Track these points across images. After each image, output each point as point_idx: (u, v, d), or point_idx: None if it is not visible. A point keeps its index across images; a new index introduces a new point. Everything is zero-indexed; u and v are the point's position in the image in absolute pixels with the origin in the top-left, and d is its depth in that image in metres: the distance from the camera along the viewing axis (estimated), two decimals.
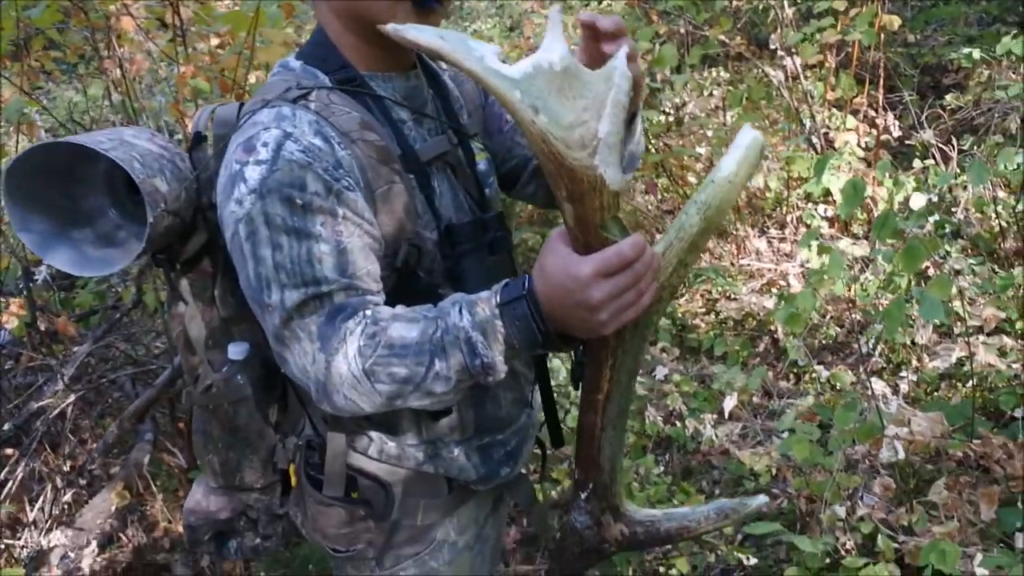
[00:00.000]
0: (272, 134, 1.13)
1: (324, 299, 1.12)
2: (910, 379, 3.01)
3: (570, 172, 0.93)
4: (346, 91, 1.23)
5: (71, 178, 1.31)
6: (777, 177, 4.40)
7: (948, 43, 5.39)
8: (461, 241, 1.28)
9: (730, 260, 4.37)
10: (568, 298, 1.03)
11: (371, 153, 1.18)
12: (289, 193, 1.10)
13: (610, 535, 1.26)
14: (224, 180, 1.16)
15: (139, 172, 1.22)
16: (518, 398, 1.45)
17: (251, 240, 1.12)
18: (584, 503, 1.25)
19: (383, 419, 1.32)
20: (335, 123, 1.17)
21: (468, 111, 1.45)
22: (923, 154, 4.26)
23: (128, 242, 1.34)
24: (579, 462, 1.22)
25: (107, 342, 3.50)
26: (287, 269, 1.11)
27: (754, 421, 3.16)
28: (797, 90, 4.44)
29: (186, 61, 2.67)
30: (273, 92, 1.21)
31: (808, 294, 2.14)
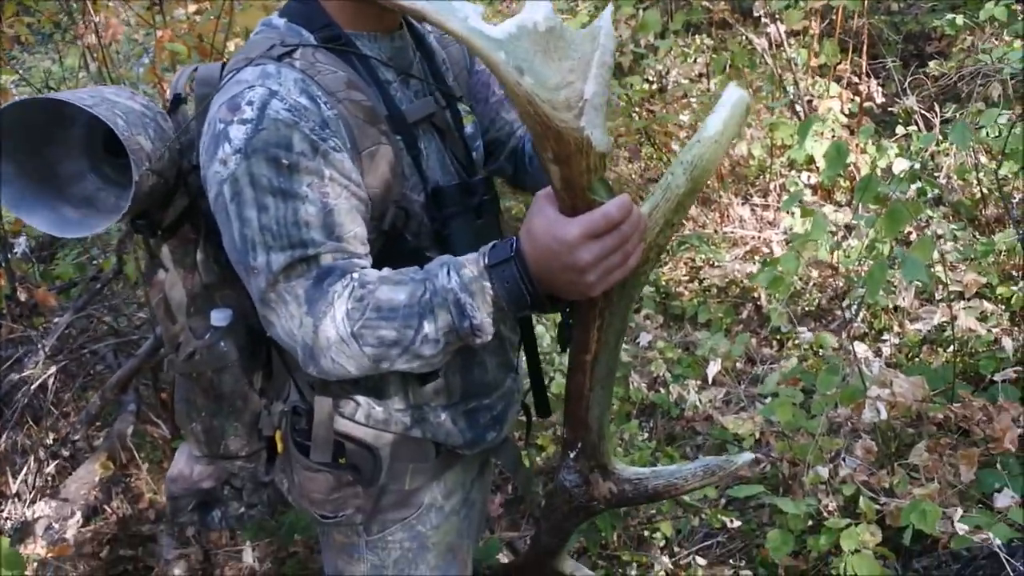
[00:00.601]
0: (257, 92, 1.11)
1: (311, 261, 1.11)
2: (892, 342, 3.03)
3: (556, 134, 0.93)
4: (331, 50, 1.21)
5: (48, 140, 1.29)
6: (760, 144, 4.40)
7: (931, 11, 5.38)
8: (448, 204, 1.27)
9: (713, 228, 4.37)
10: (556, 260, 1.03)
11: (358, 113, 1.17)
12: (275, 153, 1.08)
13: (599, 493, 1.27)
14: (207, 139, 1.14)
15: (123, 129, 1.19)
16: (504, 363, 1.45)
17: (236, 201, 1.10)
18: (573, 462, 1.26)
19: (370, 384, 1.32)
20: (321, 82, 1.15)
21: (454, 74, 1.44)
22: (906, 121, 4.26)
23: (111, 204, 1.31)
24: (568, 422, 1.23)
25: (88, 313, 3.47)
26: (273, 231, 1.10)
27: (737, 387, 3.18)
28: (781, 57, 4.43)
29: (164, 26, 2.63)
30: (257, 50, 1.18)
31: (791, 256, 2.15)
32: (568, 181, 0.98)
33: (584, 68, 0.92)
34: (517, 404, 1.53)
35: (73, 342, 3.38)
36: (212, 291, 1.38)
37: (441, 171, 1.32)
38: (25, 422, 3.09)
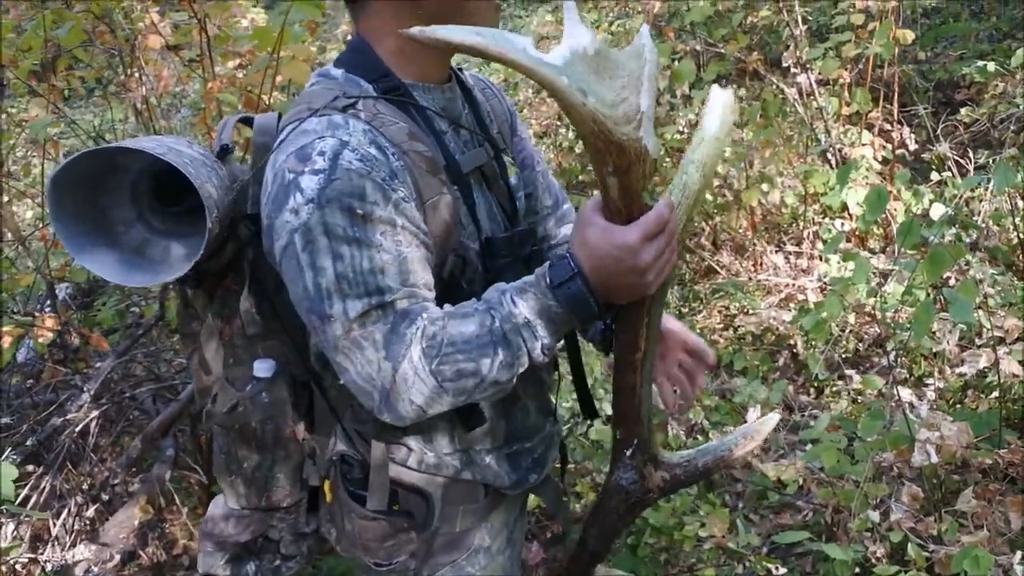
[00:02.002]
0: (328, 143, 1.11)
1: (387, 308, 1.12)
2: (936, 386, 3.00)
3: (618, 147, 0.98)
4: (390, 100, 1.22)
5: (103, 189, 1.28)
6: (793, 193, 4.41)
7: (960, 59, 5.41)
8: (500, 254, 1.29)
9: (748, 276, 4.37)
10: (618, 266, 1.09)
11: (421, 164, 1.18)
12: (349, 203, 1.09)
13: (653, 484, 1.32)
14: (275, 189, 1.14)
15: (195, 177, 1.18)
16: (543, 407, 1.47)
17: (309, 250, 1.11)
18: (629, 459, 1.30)
19: (420, 429, 1.32)
20: (385, 133, 1.16)
21: (497, 126, 1.46)
22: (939, 167, 4.27)
23: (162, 254, 1.30)
24: (621, 422, 1.28)
25: (128, 359, 3.52)
26: (349, 279, 1.11)
27: (776, 434, 3.14)
28: (811, 106, 4.46)
29: (212, 77, 2.70)
30: (319, 100, 1.19)
31: (835, 301, 2.15)
32: (627, 189, 1.04)
33: (635, 83, 0.99)
34: (556, 447, 1.53)
35: (114, 387, 3.42)
36: (255, 341, 1.37)
37: (489, 221, 1.34)
38: (65, 466, 3.12)
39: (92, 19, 2.98)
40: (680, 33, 4.78)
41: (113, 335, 3.94)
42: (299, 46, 2.79)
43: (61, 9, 2.92)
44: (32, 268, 3.41)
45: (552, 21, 5.51)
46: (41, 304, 3.89)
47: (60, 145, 3.67)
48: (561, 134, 4.68)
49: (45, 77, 3.31)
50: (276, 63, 2.67)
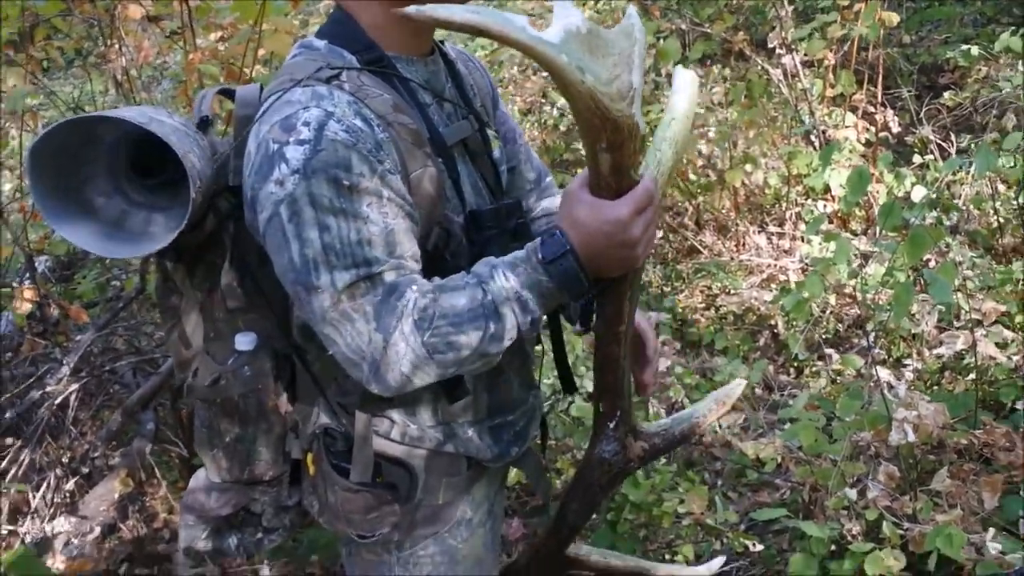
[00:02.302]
0: (313, 113, 1.11)
1: (375, 279, 1.12)
2: (913, 368, 3.03)
3: (613, 123, 1.01)
4: (374, 72, 1.22)
5: (80, 160, 1.26)
6: (776, 174, 4.42)
7: (944, 43, 5.43)
8: (485, 226, 1.29)
9: (730, 256, 4.39)
10: (609, 241, 1.11)
11: (406, 136, 1.18)
12: (335, 174, 1.09)
13: (633, 454, 1.35)
14: (259, 160, 1.13)
15: (178, 147, 1.17)
16: (527, 381, 1.48)
17: (295, 221, 1.10)
18: (612, 431, 1.32)
19: (403, 402, 1.32)
20: (370, 105, 1.16)
21: (480, 100, 1.46)
22: (922, 150, 4.29)
23: (143, 226, 1.29)
24: (604, 395, 1.31)
25: (109, 331, 3.49)
26: (336, 250, 1.10)
27: (756, 413, 3.17)
28: (796, 87, 4.47)
29: (194, 49, 2.67)
30: (302, 71, 1.19)
31: (816, 281, 2.16)
32: (619, 166, 1.07)
33: (627, 61, 1.01)
34: (537, 419, 1.54)
35: (94, 360, 3.40)
36: (236, 315, 1.36)
37: (474, 194, 1.34)
38: (44, 439, 3.10)
39: None
40: (666, 12, 4.76)
41: (93, 308, 3.91)
42: (281, 19, 2.76)
43: None
44: (11, 240, 3.38)
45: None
46: (20, 277, 3.86)
47: (39, 116, 3.62)
48: (546, 112, 4.67)
49: (23, 47, 3.26)
50: (259, 36, 2.64)
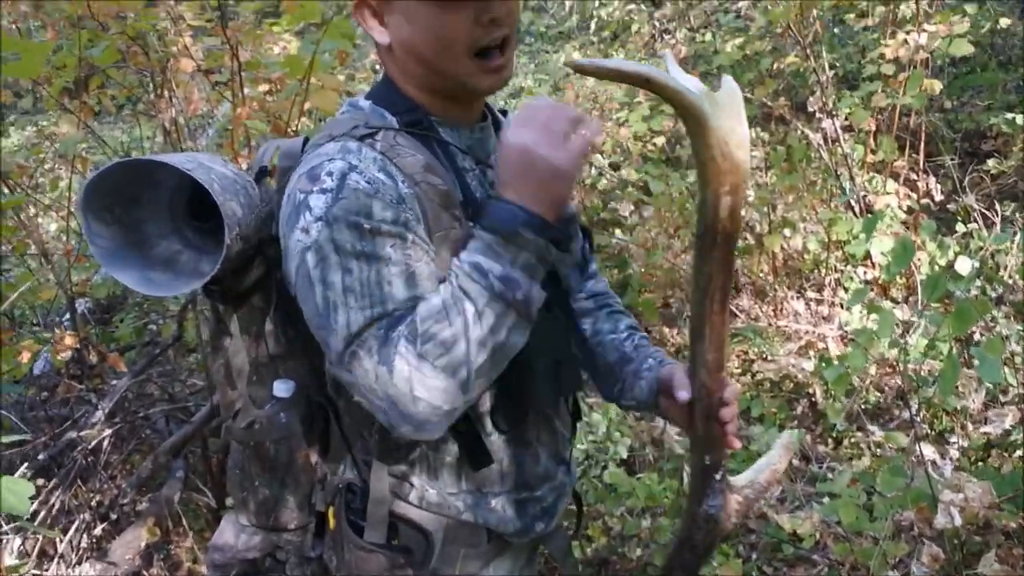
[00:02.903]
0: (337, 164, 1.14)
1: (387, 319, 1.11)
2: (959, 445, 2.95)
3: (737, 167, 1.11)
4: (412, 134, 1.23)
5: (137, 200, 1.32)
6: (816, 239, 4.38)
7: (987, 109, 5.39)
8: None
9: (767, 321, 4.34)
10: (523, 159, 1.12)
11: (433, 196, 1.19)
12: (356, 220, 1.11)
13: (731, 509, 1.30)
14: (288, 210, 1.17)
15: (218, 193, 1.22)
16: (556, 455, 1.43)
17: (320, 267, 1.12)
18: (719, 483, 1.28)
19: (425, 465, 1.31)
20: (399, 164, 1.18)
21: None
22: (965, 218, 4.23)
23: (189, 266, 1.34)
24: (710, 447, 1.28)
25: (144, 377, 3.52)
26: (356, 292, 1.11)
27: (793, 485, 3.10)
28: (836, 152, 4.45)
29: (242, 103, 2.72)
30: (341, 128, 1.22)
31: (858, 354, 2.12)
32: (734, 208, 1.13)
33: (738, 116, 1.12)
34: (568, 496, 1.50)
35: (128, 406, 3.42)
36: (277, 362, 1.39)
37: None
38: (75, 482, 3.11)
39: (127, 40, 3.01)
40: (707, 77, 4.78)
41: (130, 352, 3.95)
42: (328, 76, 2.81)
43: (97, 31, 2.96)
44: (54, 282, 3.43)
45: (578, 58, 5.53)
46: (60, 317, 3.91)
47: (88, 161, 3.69)
48: (584, 171, 4.69)
49: (77, 94, 3.34)
50: (305, 91, 2.69)
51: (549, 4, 7.16)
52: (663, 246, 4.43)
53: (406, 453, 1.30)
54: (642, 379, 1.45)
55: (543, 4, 7.55)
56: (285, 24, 3.15)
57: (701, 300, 1.19)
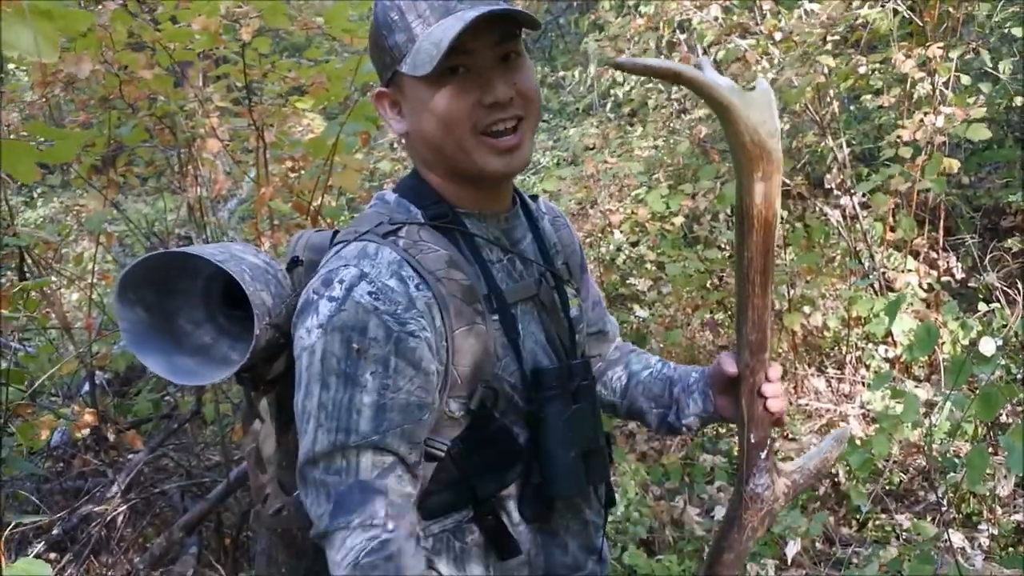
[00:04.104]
0: (349, 272, 1.16)
1: (349, 456, 1.14)
2: (988, 533, 2.87)
3: (769, 155, 1.17)
4: (437, 227, 1.25)
5: (172, 289, 1.35)
6: (836, 316, 4.35)
7: (1005, 185, 5.39)
8: (547, 386, 1.28)
9: (788, 400, 4.28)
10: None
11: (455, 292, 1.20)
12: (349, 335, 1.13)
13: (779, 490, 1.34)
14: (301, 306, 1.20)
15: (248, 284, 1.25)
16: (587, 545, 1.41)
17: (308, 371, 1.16)
18: (764, 462, 1.32)
19: (452, 555, 1.28)
20: (421, 260, 1.19)
21: (564, 257, 1.46)
22: (987, 297, 4.20)
23: (223, 353, 1.36)
24: (754, 426, 1.32)
25: (161, 452, 3.51)
26: (328, 411, 1.14)
27: (816, 568, 3.02)
28: (855, 230, 4.45)
29: (266, 183, 2.77)
30: (366, 224, 1.24)
31: (883, 439, 2.08)
32: (768, 195, 1.19)
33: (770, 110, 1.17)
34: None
35: (144, 480, 3.40)
36: None
37: (542, 352, 1.33)
38: (88, 558, 3.08)
39: (155, 120, 3.09)
40: (726, 154, 4.83)
41: (146, 424, 3.95)
42: (350, 157, 2.86)
43: (126, 111, 3.04)
44: (74, 354, 3.45)
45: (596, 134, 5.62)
46: (79, 390, 3.92)
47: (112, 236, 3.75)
48: (602, 249, 4.72)
49: (104, 171, 3.42)
50: (329, 171, 2.73)
51: (566, 82, 7.28)
52: (682, 323, 4.42)
53: (432, 542, 1.28)
54: (694, 391, 1.48)
55: (560, 81, 7.69)
56: (310, 104, 3.22)
57: (743, 283, 1.25)
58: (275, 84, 3.09)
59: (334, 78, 2.75)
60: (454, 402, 1.22)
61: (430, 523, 1.27)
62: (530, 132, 1.28)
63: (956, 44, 4.19)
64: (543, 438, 1.27)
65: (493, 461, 1.26)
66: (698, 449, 3.99)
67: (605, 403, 1.59)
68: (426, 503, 1.26)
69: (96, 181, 3.30)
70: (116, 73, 2.80)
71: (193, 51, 2.96)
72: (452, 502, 1.26)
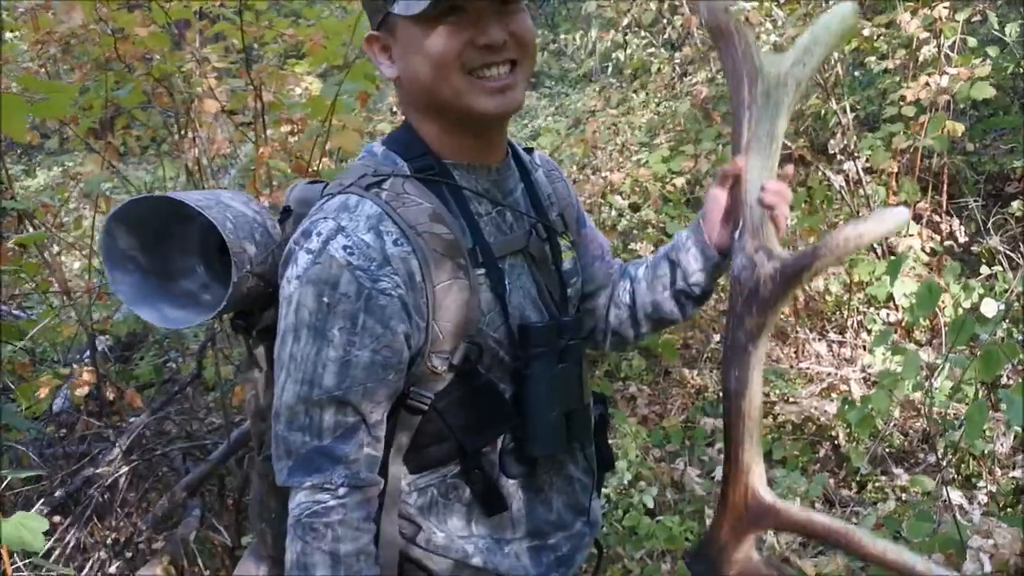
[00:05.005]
0: (327, 225, 1.16)
1: (312, 411, 1.16)
2: (987, 490, 2.88)
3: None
4: (422, 180, 1.23)
5: (164, 235, 1.35)
6: (838, 280, 4.35)
7: (1010, 152, 5.36)
8: (534, 343, 1.27)
9: (789, 363, 4.29)
10: None
11: (436, 246, 1.18)
12: (321, 289, 1.14)
13: (765, 273, 1.19)
14: (284, 256, 1.21)
15: (229, 232, 1.25)
16: (573, 504, 1.40)
17: (285, 321, 1.18)
18: (738, 242, 1.24)
19: (435, 509, 1.29)
20: (403, 214, 1.18)
21: (559, 209, 1.44)
22: (990, 261, 4.19)
23: (212, 300, 1.37)
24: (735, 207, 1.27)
25: (163, 415, 3.52)
26: (297, 361, 1.16)
27: None
28: (858, 194, 4.43)
29: (264, 143, 2.75)
30: (351, 177, 1.23)
31: (883, 396, 2.08)
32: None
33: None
34: (587, 548, 1.47)
35: (146, 443, 3.41)
36: None
37: (531, 307, 1.31)
38: (91, 520, 3.10)
39: (152, 82, 3.06)
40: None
41: (149, 390, 3.96)
42: (349, 116, 2.84)
43: (124, 72, 3.01)
44: (75, 319, 3.45)
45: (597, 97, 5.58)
46: (81, 355, 3.93)
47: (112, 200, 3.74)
48: (604, 212, 4.70)
49: (103, 135, 3.40)
50: (327, 131, 2.71)
51: (568, 48, 7.23)
52: None
53: (417, 496, 1.28)
54: (690, 247, 1.39)
55: (562, 48, 7.63)
56: (308, 66, 3.20)
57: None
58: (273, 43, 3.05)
59: (332, 34, 2.72)
60: (436, 358, 1.21)
61: (416, 477, 1.27)
62: (524, 77, 1.25)
63: (963, 6, 4.14)
64: (526, 395, 1.26)
65: (479, 416, 1.26)
66: (699, 413, 4.00)
67: (626, 336, 1.53)
68: (413, 457, 1.27)
69: (95, 145, 3.29)
70: (111, 32, 2.77)
71: (189, 8, 2.93)
72: (439, 456, 1.27)
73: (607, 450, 1.50)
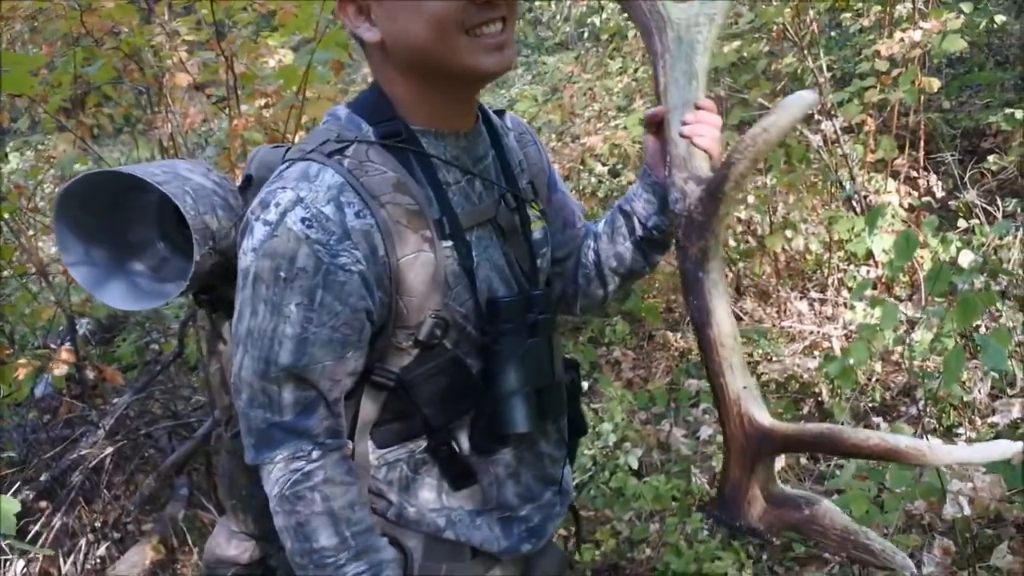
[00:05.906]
0: (286, 196, 1.12)
1: (270, 389, 1.15)
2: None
3: None
4: (387, 147, 1.19)
5: (120, 207, 1.30)
6: (818, 239, 4.36)
7: (986, 107, 5.38)
8: (503, 318, 1.23)
9: (771, 322, 4.32)
10: None
11: (400, 218, 1.15)
12: (278, 263, 1.11)
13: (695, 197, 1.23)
14: (243, 226, 1.16)
15: (190, 207, 1.20)
16: (542, 476, 1.39)
17: (242, 294, 1.15)
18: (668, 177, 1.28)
19: (404, 483, 1.28)
20: (366, 183, 1.14)
21: (531, 176, 1.40)
22: (967, 215, 4.22)
23: (176, 273, 1.32)
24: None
25: (146, 395, 3.50)
26: (254, 336, 1.14)
27: (801, 484, 3.07)
28: (835, 152, 4.44)
29: (238, 115, 2.72)
30: (314, 142, 1.18)
31: (862, 347, 2.09)
32: None
33: None
34: (559, 518, 1.45)
35: (130, 424, 3.40)
36: None
37: (500, 279, 1.28)
38: (77, 503, 3.09)
39: (122, 57, 3.01)
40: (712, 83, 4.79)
41: (131, 371, 3.94)
42: (324, 86, 2.81)
43: (92, 47, 2.96)
44: (53, 301, 3.42)
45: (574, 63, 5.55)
46: (61, 339, 3.90)
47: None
48: (583, 179, 4.69)
49: (74, 114, 3.35)
50: (301, 102, 2.68)
51: (544, 16, 7.18)
52: None
53: (386, 471, 1.27)
54: (641, 192, 1.40)
55: (539, 16, 7.58)
56: (280, 37, 3.16)
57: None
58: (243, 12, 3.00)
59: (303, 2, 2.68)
60: (401, 333, 1.18)
61: (384, 452, 1.26)
62: (513, 30, 1.22)
63: None
64: (495, 372, 1.23)
65: (445, 391, 1.23)
66: (683, 375, 4.03)
67: (595, 296, 1.50)
68: (379, 432, 1.25)
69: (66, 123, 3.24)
70: (77, 6, 2.72)
71: None
72: (405, 432, 1.25)
73: (580, 418, 1.47)
